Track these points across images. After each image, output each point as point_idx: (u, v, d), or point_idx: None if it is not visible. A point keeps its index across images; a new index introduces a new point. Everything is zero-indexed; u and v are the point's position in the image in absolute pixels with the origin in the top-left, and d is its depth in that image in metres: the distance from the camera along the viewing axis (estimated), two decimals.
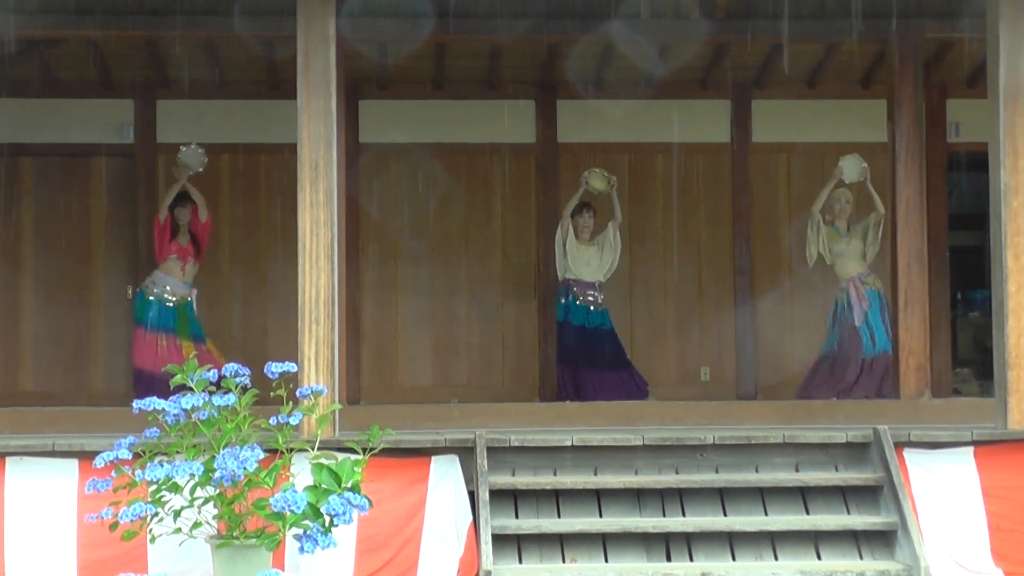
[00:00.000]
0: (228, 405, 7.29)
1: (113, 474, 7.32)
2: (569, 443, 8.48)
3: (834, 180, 11.49)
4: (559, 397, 11.74)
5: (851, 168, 11.46)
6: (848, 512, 8.34)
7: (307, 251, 8.40)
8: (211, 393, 7.33)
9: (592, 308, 11.73)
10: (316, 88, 8.45)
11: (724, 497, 8.36)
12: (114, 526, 7.20)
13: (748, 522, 8.16)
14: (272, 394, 7.40)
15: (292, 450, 7.43)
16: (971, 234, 15.10)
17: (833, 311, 11.49)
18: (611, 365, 11.71)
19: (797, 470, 8.55)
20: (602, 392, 11.44)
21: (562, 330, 11.84)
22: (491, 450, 8.34)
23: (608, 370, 11.66)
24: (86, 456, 7.85)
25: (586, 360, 11.66)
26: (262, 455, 7.16)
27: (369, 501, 7.19)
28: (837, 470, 8.56)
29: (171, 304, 11.25)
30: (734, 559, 8.10)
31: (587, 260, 11.78)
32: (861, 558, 8.13)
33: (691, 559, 8.08)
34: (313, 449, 7.38)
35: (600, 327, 11.75)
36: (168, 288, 11.28)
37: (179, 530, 7.26)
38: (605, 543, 8.12)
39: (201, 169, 11.44)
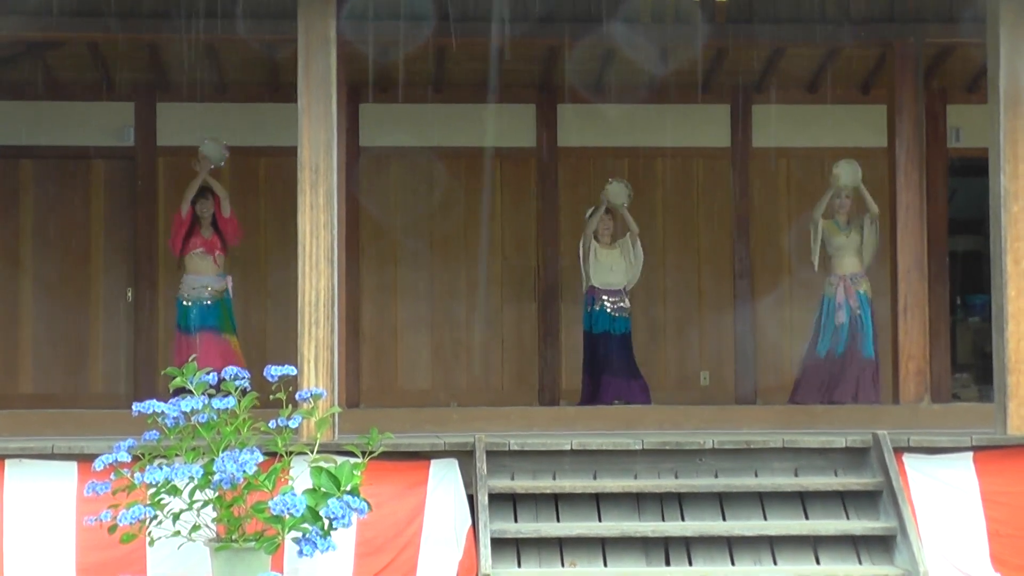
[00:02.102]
0: (227, 408, 7.28)
1: (112, 477, 7.31)
2: (568, 447, 8.47)
3: (832, 188, 11.53)
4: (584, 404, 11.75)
5: (847, 174, 11.50)
6: (847, 517, 8.34)
7: (307, 254, 8.40)
8: (210, 396, 7.32)
9: (617, 315, 11.73)
10: (316, 91, 8.45)
11: (723, 502, 8.36)
12: (113, 529, 7.19)
13: (747, 527, 8.16)
14: (271, 397, 7.39)
15: (291, 453, 7.42)
16: (971, 239, 15.10)
17: (821, 309, 11.50)
18: (629, 371, 11.69)
19: (796, 475, 8.55)
20: (620, 396, 11.47)
21: (586, 339, 11.85)
22: (490, 454, 8.34)
23: (627, 376, 11.65)
24: (85, 459, 7.85)
25: (609, 366, 11.65)
26: (261, 458, 7.15)
27: (368, 504, 7.18)
28: (836, 475, 8.56)
29: (210, 302, 11.19)
30: (733, 564, 8.10)
31: (610, 265, 11.77)
32: (860, 563, 8.13)
33: (690, 563, 8.08)
34: (312, 452, 7.37)
35: (625, 332, 11.75)
36: (200, 285, 11.21)
37: (178, 533, 7.25)
38: (604, 547, 8.11)
39: (223, 163, 11.39)
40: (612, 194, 11.90)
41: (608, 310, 11.72)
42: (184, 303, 11.21)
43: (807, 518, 8.32)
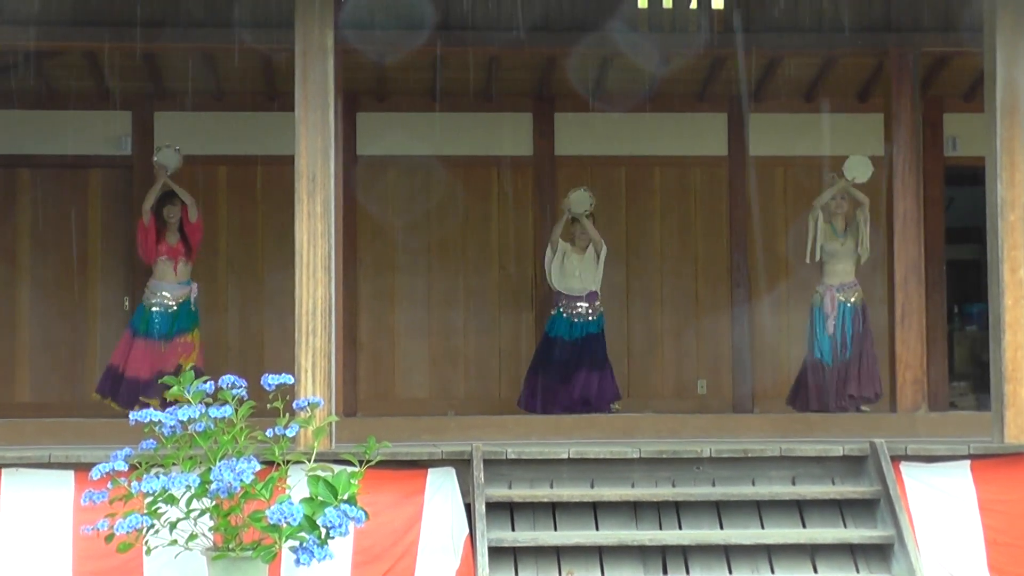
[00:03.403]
0: (224, 417, 7.28)
1: (109, 486, 7.29)
2: (566, 456, 8.47)
3: (841, 181, 11.47)
4: (522, 404, 11.72)
5: (857, 167, 11.46)
6: (845, 525, 8.34)
7: (304, 262, 8.40)
8: (207, 405, 7.32)
9: (577, 320, 11.71)
10: (314, 100, 8.46)
11: (721, 510, 8.36)
12: (110, 538, 7.18)
13: (745, 535, 8.16)
14: (269, 406, 7.38)
15: (288, 462, 7.42)
16: (968, 247, 15.12)
17: (811, 319, 11.50)
18: (588, 366, 11.63)
19: (794, 483, 8.55)
20: (568, 394, 11.43)
21: (542, 341, 11.85)
22: (488, 462, 8.34)
23: (582, 370, 11.60)
24: (82, 468, 7.84)
25: (557, 371, 11.60)
26: (258, 467, 7.15)
27: (365, 513, 7.17)
28: (834, 483, 8.56)
29: (172, 310, 11.22)
30: (730, 572, 8.09)
31: (575, 270, 11.76)
32: (858, 571, 8.13)
33: (687, 572, 8.08)
34: (309, 461, 7.37)
35: (587, 335, 11.72)
36: (165, 293, 11.24)
37: (175, 542, 7.25)
38: (602, 556, 8.11)
39: (177, 168, 11.34)
40: (575, 202, 11.85)
41: (570, 317, 11.71)
42: (146, 308, 11.22)
43: (804, 527, 8.32)
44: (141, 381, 10.92)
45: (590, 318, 11.73)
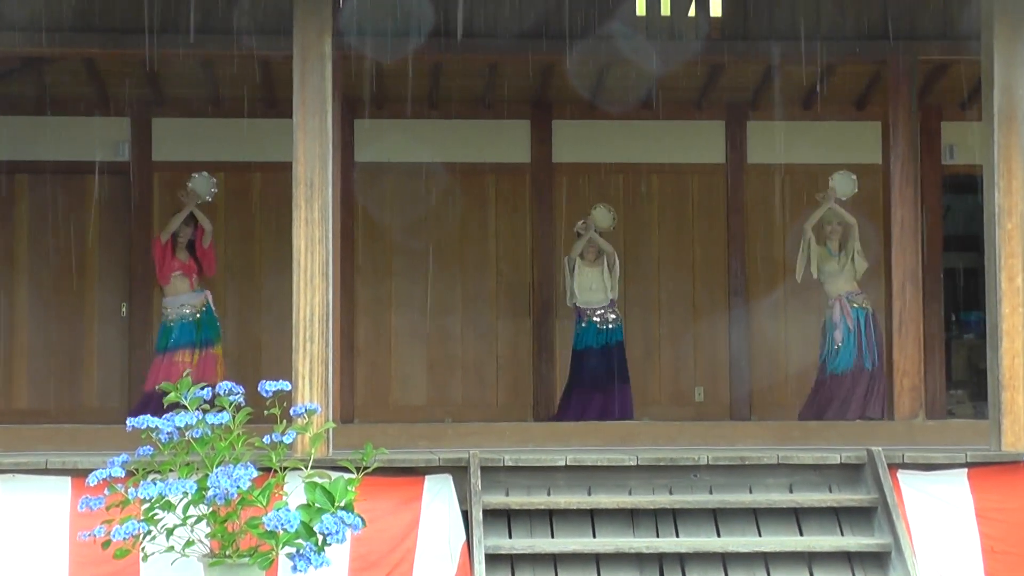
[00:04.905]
0: (222, 423, 7.27)
1: (106, 492, 7.29)
2: (563, 463, 8.47)
3: (829, 200, 11.54)
4: (556, 418, 11.76)
5: (843, 184, 11.53)
6: (842, 533, 8.34)
7: (302, 269, 8.40)
8: (205, 411, 7.31)
9: (603, 327, 11.79)
10: (312, 106, 8.46)
11: (718, 518, 8.35)
12: (107, 544, 7.17)
13: (742, 543, 8.15)
14: (266, 412, 7.38)
15: (285, 469, 7.41)
16: (966, 256, 15.13)
17: (822, 329, 11.53)
18: (615, 380, 11.72)
19: (791, 491, 8.55)
20: (596, 409, 11.48)
21: (573, 357, 11.90)
22: (485, 469, 8.33)
23: (612, 385, 11.69)
24: (79, 474, 7.84)
25: (592, 382, 11.69)
26: (255, 473, 7.14)
27: (362, 520, 7.17)
28: (831, 491, 8.55)
29: (191, 320, 11.33)
30: None
31: (590, 284, 11.84)
32: None
33: None
34: (307, 468, 7.36)
35: (609, 344, 11.80)
36: (181, 305, 11.36)
37: (172, 548, 7.24)
38: (599, 563, 8.10)
39: (210, 199, 11.53)
40: (599, 218, 11.97)
41: (597, 325, 11.78)
42: (168, 323, 11.33)
43: (802, 534, 8.31)
44: None
45: (610, 326, 11.82)
